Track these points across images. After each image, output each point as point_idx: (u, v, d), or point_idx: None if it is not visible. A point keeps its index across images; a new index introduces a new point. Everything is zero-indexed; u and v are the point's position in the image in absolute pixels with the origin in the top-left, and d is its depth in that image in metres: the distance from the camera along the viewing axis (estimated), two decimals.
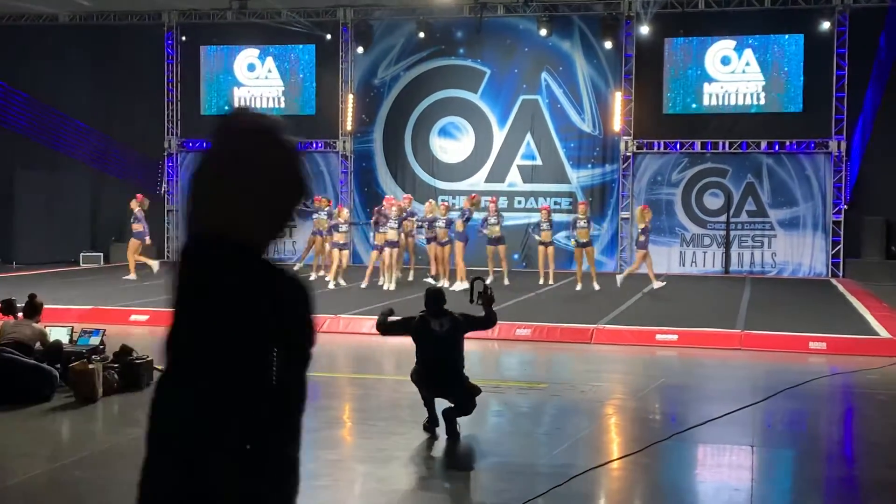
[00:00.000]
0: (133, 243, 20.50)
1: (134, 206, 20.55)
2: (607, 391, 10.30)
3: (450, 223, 19.07)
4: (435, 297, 8.11)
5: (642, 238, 18.58)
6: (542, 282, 19.44)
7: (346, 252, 19.70)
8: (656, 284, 18.22)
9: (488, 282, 18.69)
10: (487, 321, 8.18)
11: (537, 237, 19.88)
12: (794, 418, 9.16)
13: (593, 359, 12.33)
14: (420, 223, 19.73)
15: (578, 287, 18.51)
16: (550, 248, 19.61)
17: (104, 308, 15.22)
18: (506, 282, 18.68)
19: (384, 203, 19.78)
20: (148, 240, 20.79)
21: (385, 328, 8.32)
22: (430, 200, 20.93)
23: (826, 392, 10.30)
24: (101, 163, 26.44)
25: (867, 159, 22.30)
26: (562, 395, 9.80)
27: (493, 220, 19.34)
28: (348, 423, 8.98)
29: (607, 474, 7.03)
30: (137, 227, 20.45)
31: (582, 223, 18.81)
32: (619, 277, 18.75)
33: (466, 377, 8.01)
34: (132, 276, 20.08)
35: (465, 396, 7.91)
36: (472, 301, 8.37)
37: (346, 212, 20.28)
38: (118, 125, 26.28)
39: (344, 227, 19.43)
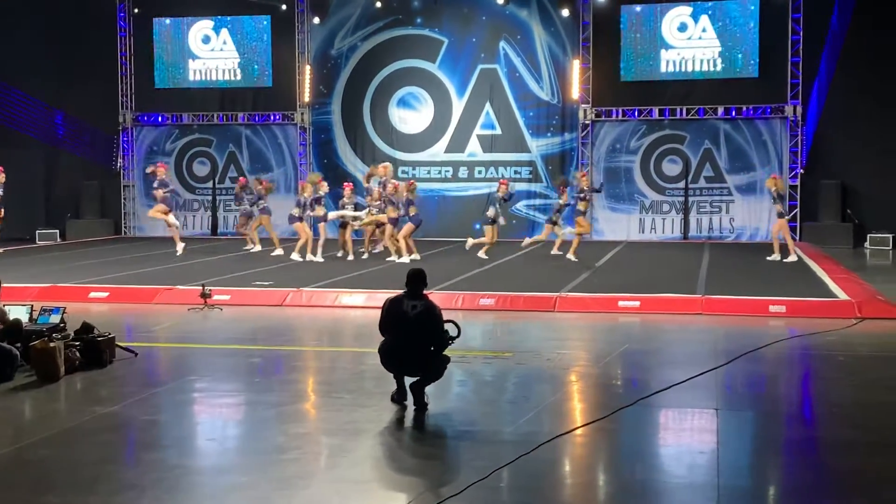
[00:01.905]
0: None
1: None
2: (572, 358, 10.35)
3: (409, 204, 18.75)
4: (413, 279, 8.05)
5: (780, 208, 18.44)
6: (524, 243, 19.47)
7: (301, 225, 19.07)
8: (792, 257, 18.15)
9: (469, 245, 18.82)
10: (440, 349, 8.02)
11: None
12: (757, 381, 9.26)
13: (557, 327, 12.38)
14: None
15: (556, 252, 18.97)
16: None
17: (63, 286, 15.03)
18: (482, 256, 18.57)
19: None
20: None
21: (382, 328, 8.15)
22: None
23: (787, 354, 10.43)
24: (55, 139, 26.06)
25: (823, 124, 22.53)
26: (527, 363, 9.83)
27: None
28: (314, 396, 8.96)
29: (574, 441, 7.07)
30: None
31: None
32: (772, 257, 18.34)
33: (433, 351, 7.99)
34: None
35: (430, 368, 7.92)
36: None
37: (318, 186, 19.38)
38: (71, 100, 25.91)
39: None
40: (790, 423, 7.89)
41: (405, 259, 18.01)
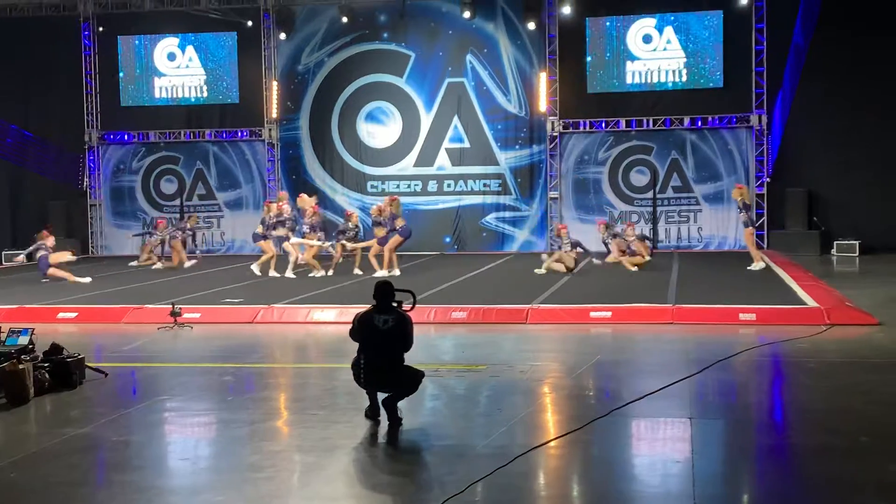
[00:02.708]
0: None
1: None
2: (545, 370, 10.35)
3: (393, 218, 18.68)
4: (379, 292, 8.01)
5: (745, 217, 18.67)
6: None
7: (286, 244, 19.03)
8: (759, 265, 18.24)
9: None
10: (406, 346, 8.02)
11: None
12: (729, 389, 9.30)
13: (530, 339, 12.39)
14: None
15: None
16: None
17: (31, 307, 14.88)
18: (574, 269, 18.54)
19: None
20: None
21: (352, 335, 8.13)
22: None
23: (758, 362, 10.49)
24: (20, 159, 25.82)
25: (788, 132, 22.73)
26: (500, 376, 9.82)
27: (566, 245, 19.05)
28: (288, 413, 8.90)
29: (549, 453, 7.06)
30: None
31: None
32: (751, 266, 18.38)
33: (407, 367, 7.98)
34: None
35: (404, 384, 7.90)
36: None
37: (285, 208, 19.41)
38: (36, 120, 25.72)
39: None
40: (763, 431, 7.92)
41: (383, 272, 17.94)
